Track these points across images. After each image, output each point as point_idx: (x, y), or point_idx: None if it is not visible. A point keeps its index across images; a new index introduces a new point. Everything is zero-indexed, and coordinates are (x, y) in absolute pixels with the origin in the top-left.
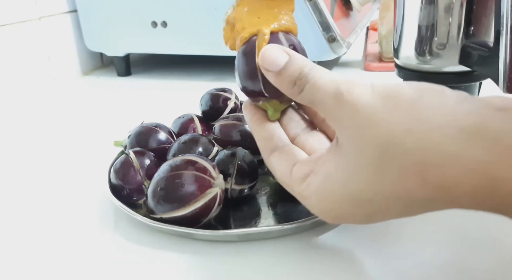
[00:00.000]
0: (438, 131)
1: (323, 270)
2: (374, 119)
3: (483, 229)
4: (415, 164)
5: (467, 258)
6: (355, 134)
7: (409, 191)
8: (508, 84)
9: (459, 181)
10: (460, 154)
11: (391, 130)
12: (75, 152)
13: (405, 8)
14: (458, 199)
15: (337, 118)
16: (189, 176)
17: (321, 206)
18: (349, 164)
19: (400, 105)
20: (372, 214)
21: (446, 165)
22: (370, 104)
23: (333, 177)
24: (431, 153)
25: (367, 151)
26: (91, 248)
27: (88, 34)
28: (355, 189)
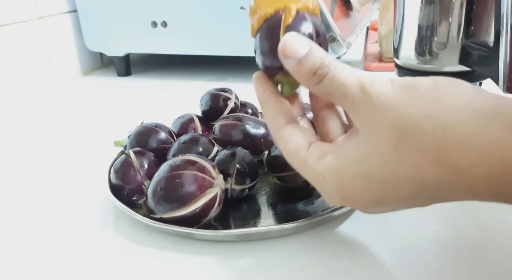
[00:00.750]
0: (456, 113)
1: (323, 270)
2: (394, 105)
3: (485, 234)
4: (433, 145)
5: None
6: (375, 119)
7: (424, 173)
8: (508, 84)
9: (474, 162)
10: (477, 136)
11: (411, 113)
12: (75, 152)
13: (405, 8)
14: (471, 181)
15: (358, 107)
16: (189, 176)
17: (334, 183)
18: (367, 144)
19: (419, 93)
20: (382, 197)
21: (463, 146)
22: (391, 95)
23: (351, 157)
24: (449, 134)
25: (386, 133)
26: (91, 248)
27: (88, 34)
28: (371, 167)
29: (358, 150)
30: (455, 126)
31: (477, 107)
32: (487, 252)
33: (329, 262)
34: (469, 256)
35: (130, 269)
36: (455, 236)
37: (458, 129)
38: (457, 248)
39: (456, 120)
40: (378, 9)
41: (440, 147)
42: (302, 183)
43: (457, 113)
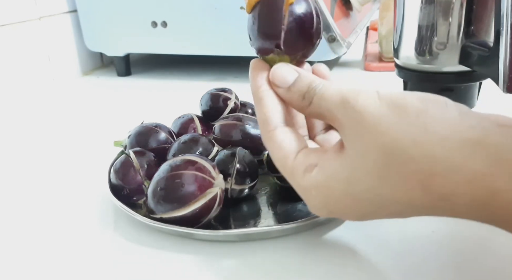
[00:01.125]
0: (442, 143)
1: (323, 270)
2: (381, 127)
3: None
4: (420, 172)
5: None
6: (361, 140)
7: (410, 197)
8: (508, 84)
9: (460, 191)
10: (462, 166)
11: (398, 139)
12: (75, 152)
13: (405, 8)
14: (456, 208)
15: (343, 124)
16: (189, 176)
17: (319, 200)
18: (354, 165)
19: (406, 116)
20: (367, 213)
21: (449, 175)
22: (376, 112)
23: (338, 175)
24: (435, 163)
25: (373, 156)
26: (91, 248)
27: (88, 34)
28: (358, 189)
29: (346, 169)
30: (442, 156)
31: (464, 137)
32: (487, 252)
33: (329, 262)
34: (469, 257)
35: (130, 269)
36: (454, 236)
37: (444, 159)
38: (457, 249)
39: (443, 150)
40: (378, 9)
41: (426, 175)
42: None
43: (444, 142)
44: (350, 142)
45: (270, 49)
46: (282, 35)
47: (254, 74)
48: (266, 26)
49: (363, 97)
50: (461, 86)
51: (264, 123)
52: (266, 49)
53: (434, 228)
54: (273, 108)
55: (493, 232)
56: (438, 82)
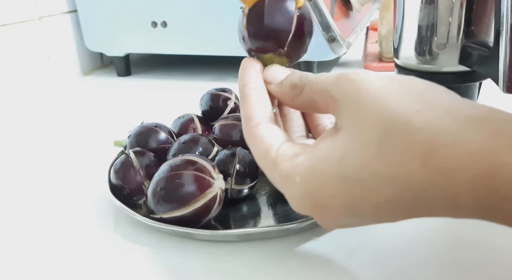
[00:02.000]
0: (449, 115)
1: (323, 270)
2: (383, 98)
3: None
4: (422, 143)
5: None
6: (358, 113)
7: (407, 172)
8: (508, 84)
9: (462, 165)
10: (468, 138)
11: (401, 109)
12: (75, 152)
13: (405, 8)
14: (455, 185)
15: (338, 102)
16: (189, 176)
17: (304, 187)
18: (348, 142)
19: (411, 90)
20: (357, 203)
21: (453, 146)
22: (377, 84)
23: (328, 156)
24: (439, 134)
25: (371, 127)
26: (91, 248)
27: (88, 34)
28: (350, 167)
29: (339, 149)
30: (447, 127)
31: (469, 112)
32: (487, 252)
33: (329, 262)
34: (469, 255)
35: (130, 269)
36: (454, 235)
37: (450, 131)
38: (457, 247)
39: (449, 122)
40: (378, 9)
41: (429, 146)
42: None
43: (450, 115)
44: (345, 119)
45: (272, 48)
46: (289, 38)
47: (244, 72)
48: (275, 24)
49: (361, 72)
50: (461, 86)
51: (247, 120)
52: (266, 48)
53: (434, 228)
54: (257, 105)
55: (493, 232)
56: (438, 82)
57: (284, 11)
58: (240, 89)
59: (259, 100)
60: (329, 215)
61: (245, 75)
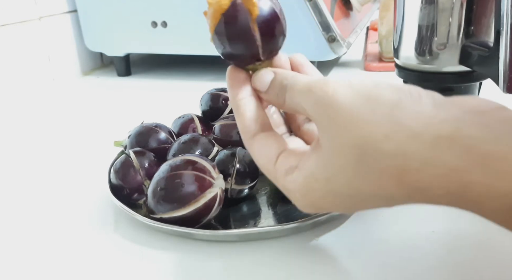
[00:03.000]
0: (415, 138)
1: (323, 270)
2: (353, 119)
3: (484, 234)
4: (393, 167)
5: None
6: (334, 134)
7: (386, 190)
8: (508, 84)
9: (434, 185)
10: (435, 161)
11: (370, 133)
12: (75, 152)
13: (405, 8)
14: (433, 199)
15: (316, 119)
16: (189, 176)
17: (305, 200)
18: (329, 163)
19: (379, 109)
20: (352, 206)
21: (422, 170)
22: (348, 104)
23: (315, 175)
24: (408, 158)
25: (346, 152)
26: (91, 248)
27: (88, 34)
28: (336, 186)
29: (322, 168)
30: (414, 151)
31: (436, 132)
32: (487, 252)
33: (329, 262)
34: (469, 256)
35: (130, 269)
36: (454, 236)
37: (417, 155)
38: (457, 249)
39: (416, 146)
40: (378, 9)
41: (400, 170)
42: None
43: (417, 138)
44: (323, 137)
45: (249, 62)
46: (259, 49)
47: (231, 83)
48: (240, 48)
49: (332, 88)
50: (461, 86)
51: (243, 132)
52: (245, 64)
53: (434, 228)
54: (250, 116)
55: (493, 231)
56: (438, 82)
57: (242, 29)
58: (231, 101)
59: (250, 109)
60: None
61: (232, 86)
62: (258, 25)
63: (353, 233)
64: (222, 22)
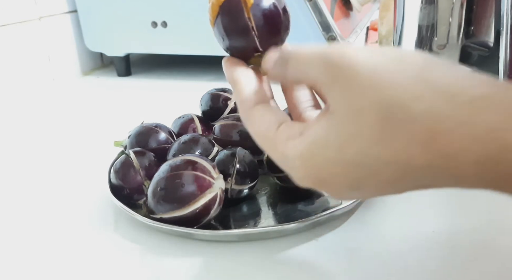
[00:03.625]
0: (451, 99)
1: (323, 270)
2: (378, 80)
3: (484, 234)
4: (424, 131)
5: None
6: (353, 97)
7: (410, 157)
8: None
9: (467, 148)
10: (472, 121)
11: (398, 94)
12: (75, 152)
13: (405, 8)
14: (460, 168)
15: (329, 81)
16: (189, 176)
17: (304, 171)
18: (344, 128)
19: (407, 70)
20: (360, 182)
21: (456, 132)
22: (371, 65)
23: (325, 141)
24: (442, 120)
25: (367, 113)
26: (91, 248)
27: (88, 34)
28: (349, 153)
29: (334, 133)
30: (449, 112)
31: (474, 92)
32: (487, 252)
33: (329, 262)
34: (469, 257)
35: (130, 269)
36: (454, 236)
37: (452, 116)
38: (457, 249)
39: (451, 106)
40: (378, 9)
41: (431, 133)
42: None
43: (452, 98)
44: (338, 101)
45: (249, 55)
46: (257, 42)
47: (227, 65)
48: (236, 34)
49: (349, 50)
50: None
51: (242, 103)
52: (245, 57)
53: (434, 228)
54: (249, 87)
55: (493, 231)
56: None
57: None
58: (229, 81)
59: (249, 82)
60: (333, 190)
61: (228, 68)
62: (253, 17)
63: (353, 233)
64: (219, 14)
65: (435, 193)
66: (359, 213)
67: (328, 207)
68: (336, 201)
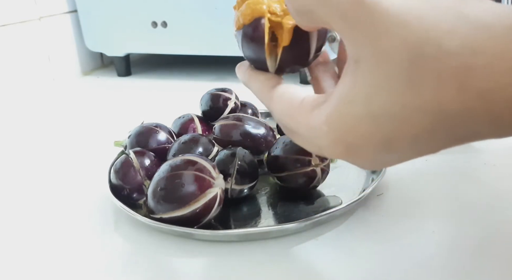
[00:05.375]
0: (486, 30)
1: (323, 270)
2: (407, 17)
3: (484, 234)
4: (457, 67)
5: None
6: (380, 38)
7: (442, 99)
8: None
9: (503, 83)
10: (506, 53)
11: (429, 29)
12: (75, 152)
13: None
14: (496, 107)
15: (353, 23)
16: (189, 176)
17: (333, 135)
18: (372, 75)
19: (441, 3)
20: (392, 138)
21: (491, 66)
22: (401, 2)
23: (351, 96)
24: (477, 54)
25: (395, 56)
26: (91, 248)
27: (88, 34)
28: (378, 104)
29: (362, 86)
30: (484, 45)
31: (508, 22)
32: (488, 252)
33: (329, 262)
34: (469, 256)
35: (130, 269)
36: (454, 236)
37: (487, 49)
38: (457, 249)
39: (486, 38)
40: None
41: (464, 70)
42: (302, 183)
43: (487, 30)
44: (363, 49)
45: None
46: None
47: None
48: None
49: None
50: None
51: (261, 90)
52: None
53: (434, 228)
54: (264, 77)
55: (493, 231)
56: None
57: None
58: (243, 82)
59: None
60: (365, 156)
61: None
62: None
63: (353, 233)
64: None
65: (435, 192)
66: (359, 213)
67: (328, 207)
68: (336, 201)
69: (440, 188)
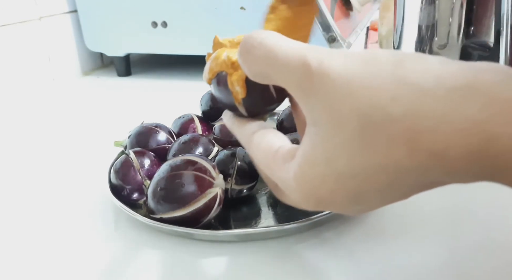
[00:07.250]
0: (427, 95)
1: (323, 270)
2: (353, 87)
3: (481, 233)
4: (404, 131)
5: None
6: (331, 107)
7: (397, 161)
8: None
9: (452, 144)
10: (453, 115)
11: (374, 98)
12: (75, 152)
13: (405, 8)
14: (450, 164)
15: (307, 93)
16: (189, 176)
17: (302, 191)
18: (328, 140)
19: (381, 70)
20: (358, 194)
21: (438, 129)
22: (346, 72)
23: (312, 158)
24: (421, 118)
25: (347, 124)
26: (91, 248)
27: (88, 34)
28: (338, 166)
29: (321, 150)
30: (427, 109)
31: (451, 84)
32: (488, 252)
33: (329, 262)
34: (470, 256)
35: (130, 269)
36: (454, 237)
37: (431, 113)
38: (457, 250)
39: (428, 103)
40: (378, 9)
41: (413, 133)
42: None
43: (428, 94)
44: (318, 115)
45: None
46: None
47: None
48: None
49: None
50: None
51: (242, 135)
52: None
53: (434, 229)
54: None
55: (493, 232)
56: None
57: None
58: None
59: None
60: (337, 208)
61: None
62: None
63: (353, 233)
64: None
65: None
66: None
67: None
68: None
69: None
